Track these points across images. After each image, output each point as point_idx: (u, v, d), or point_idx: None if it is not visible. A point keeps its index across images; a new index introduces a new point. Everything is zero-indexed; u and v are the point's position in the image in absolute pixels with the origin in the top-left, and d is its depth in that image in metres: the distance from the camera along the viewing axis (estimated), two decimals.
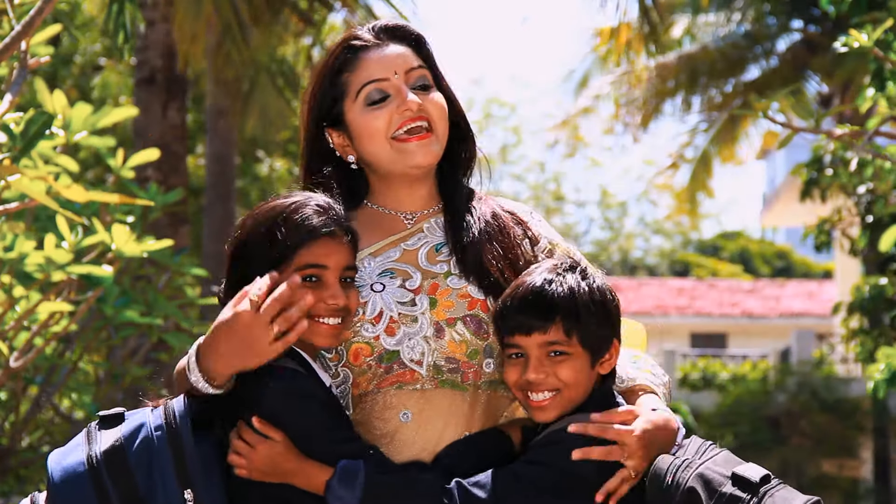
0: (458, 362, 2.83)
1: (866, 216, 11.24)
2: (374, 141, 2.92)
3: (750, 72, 20.52)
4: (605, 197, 46.91)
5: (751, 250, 46.77)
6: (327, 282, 2.72)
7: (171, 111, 11.49)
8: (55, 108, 5.04)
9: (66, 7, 11.97)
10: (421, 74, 2.95)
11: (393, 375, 2.82)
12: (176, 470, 2.64)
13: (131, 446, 2.66)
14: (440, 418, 2.81)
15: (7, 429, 6.43)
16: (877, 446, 21.31)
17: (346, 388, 2.84)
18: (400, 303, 2.84)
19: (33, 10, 3.85)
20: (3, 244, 4.86)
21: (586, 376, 2.76)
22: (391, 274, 2.88)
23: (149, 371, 7.48)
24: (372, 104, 2.92)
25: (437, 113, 2.93)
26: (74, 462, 2.68)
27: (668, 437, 2.74)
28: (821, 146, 9.96)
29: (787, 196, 28.31)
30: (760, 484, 2.62)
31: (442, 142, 2.95)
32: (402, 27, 3.00)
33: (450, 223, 2.95)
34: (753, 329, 36.05)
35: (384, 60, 2.94)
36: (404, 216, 2.98)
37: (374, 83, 2.92)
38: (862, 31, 5.53)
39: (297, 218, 2.71)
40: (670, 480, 2.65)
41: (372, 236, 2.94)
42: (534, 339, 2.73)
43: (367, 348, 2.82)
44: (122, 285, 6.20)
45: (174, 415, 2.67)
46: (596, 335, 2.76)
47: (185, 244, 10.89)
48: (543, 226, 3.06)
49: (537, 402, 2.74)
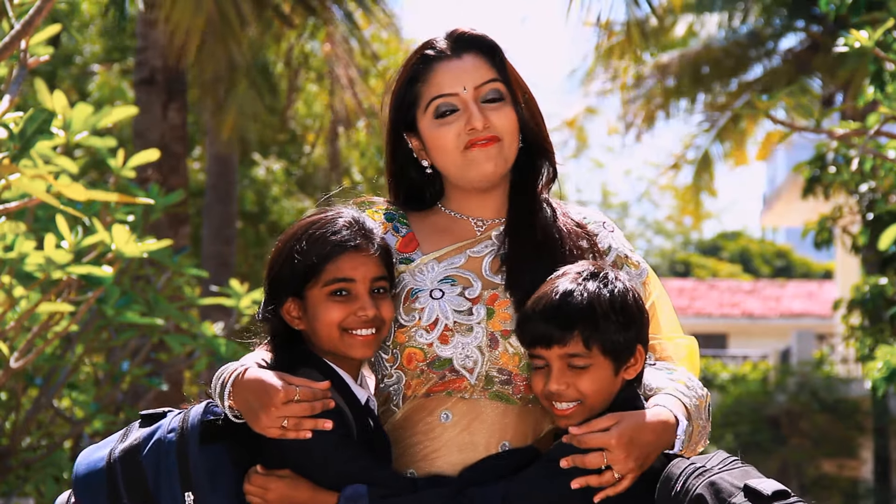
0: (510, 374, 2.86)
1: (867, 214, 11.23)
2: (443, 154, 2.94)
3: (753, 71, 20.52)
4: (607, 197, 46.94)
5: (751, 250, 46.76)
6: (357, 294, 2.78)
7: (171, 112, 11.48)
8: (55, 109, 5.03)
9: (65, 7, 11.97)
10: (492, 88, 2.94)
11: (444, 382, 2.85)
12: (180, 473, 2.75)
13: (146, 446, 2.79)
14: (484, 426, 2.84)
15: (7, 429, 6.43)
16: (877, 446, 21.28)
17: (398, 387, 2.89)
18: (457, 311, 2.87)
19: (32, 9, 3.85)
20: (3, 244, 4.85)
21: (609, 384, 2.77)
22: (452, 281, 2.91)
23: (147, 371, 7.48)
24: (440, 117, 2.93)
25: (505, 127, 2.93)
26: (97, 458, 2.82)
27: (659, 433, 2.74)
28: (824, 143, 9.95)
29: (788, 196, 28.29)
30: (773, 498, 2.58)
31: (508, 153, 2.94)
32: (478, 37, 2.98)
33: (506, 236, 2.95)
34: (754, 329, 36.04)
35: (455, 73, 2.94)
36: (475, 222, 3.00)
37: (443, 98, 2.93)
38: (863, 31, 5.53)
39: (322, 234, 2.79)
40: (680, 486, 2.66)
41: (440, 240, 2.98)
42: (554, 351, 2.75)
43: (420, 354, 2.86)
44: (123, 286, 6.19)
45: (188, 421, 2.79)
46: (617, 342, 2.76)
47: (185, 245, 10.89)
48: (615, 237, 3.05)
49: (561, 411, 2.76)
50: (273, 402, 2.67)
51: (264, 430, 2.69)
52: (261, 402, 2.69)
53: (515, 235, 2.94)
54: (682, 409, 2.80)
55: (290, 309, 2.81)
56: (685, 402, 2.83)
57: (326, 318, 2.77)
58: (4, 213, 4.39)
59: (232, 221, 15.53)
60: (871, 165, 7.88)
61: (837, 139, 5.90)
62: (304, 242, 2.78)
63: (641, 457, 2.70)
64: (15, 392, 6.34)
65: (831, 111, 5.93)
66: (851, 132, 5.78)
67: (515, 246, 2.92)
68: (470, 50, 2.96)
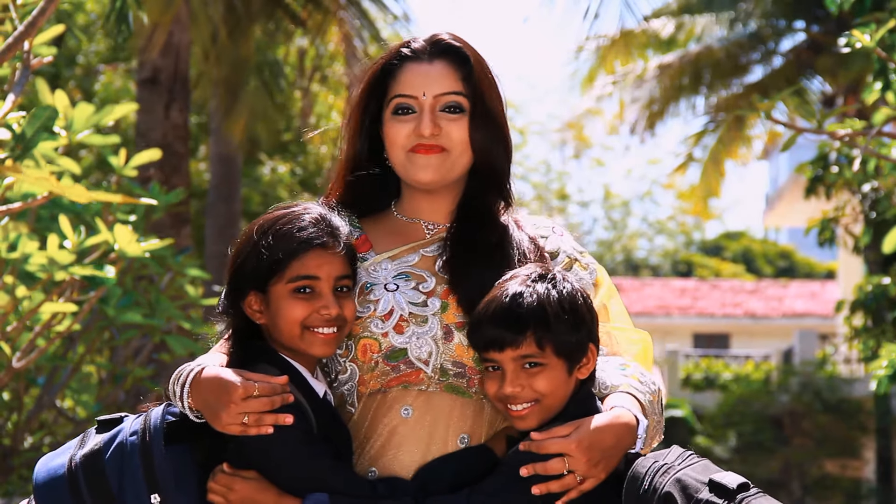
0: (465, 367, 2.86)
1: (870, 214, 11.23)
2: (393, 149, 2.96)
3: (754, 72, 20.51)
4: (609, 197, 46.91)
5: (754, 250, 46.76)
6: (320, 292, 2.76)
7: (173, 111, 11.48)
8: (57, 108, 5.03)
9: (69, 8, 11.98)
10: (453, 100, 2.94)
11: (399, 375, 2.85)
12: (145, 475, 2.73)
13: (107, 451, 2.77)
14: (441, 419, 2.84)
15: (10, 429, 6.43)
16: (879, 446, 21.30)
17: (352, 384, 2.88)
18: (412, 303, 2.87)
19: (36, 10, 3.85)
20: (5, 244, 4.86)
21: (564, 383, 2.77)
22: (406, 277, 2.91)
23: (151, 372, 7.47)
24: (396, 113, 2.95)
25: (455, 139, 2.92)
26: (57, 465, 2.80)
27: (620, 435, 2.74)
28: (827, 143, 9.95)
29: (790, 196, 28.29)
30: (738, 491, 2.60)
31: (453, 165, 2.94)
32: (455, 46, 2.98)
33: (448, 241, 2.96)
34: (756, 329, 36.05)
35: (420, 77, 2.95)
36: (426, 225, 3.01)
37: (403, 97, 2.94)
38: (865, 32, 5.53)
39: (288, 230, 2.77)
40: (647, 485, 2.66)
41: (393, 241, 2.99)
42: (507, 353, 2.75)
43: (374, 344, 2.86)
44: (125, 286, 6.20)
45: (150, 423, 2.77)
46: (569, 343, 2.77)
47: (188, 245, 10.89)
48: (564, 241, 3.06)
49: (517, 413, 2.76)
50: (232, 399, 2.66)
51: (225, 427, 2.68)
52: (220, 400, 2.68)
53: (457, 240, 2.94)
54: (638, 408, 2.81)
55: (251, 302, 2.79)
56: (640, 398, 2.84)
57: (289, 314, 2.75)
58: (7, 213, 4.40)
59: (236, 221, 15.55)
60: (874, 165, 7.88)
61: (840, 139, 5.89)
62: (270, 237, 2.76)
63: (603, 460, 2.70)
64: (17, 392, 6.34)
65: (832, 112, 5.93)
66: (853, 133, 5.78)
67: (457, 250, 2.93)
68: (444, 57, 2.97)
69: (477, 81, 2.96)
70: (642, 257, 47.95)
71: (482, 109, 2.96)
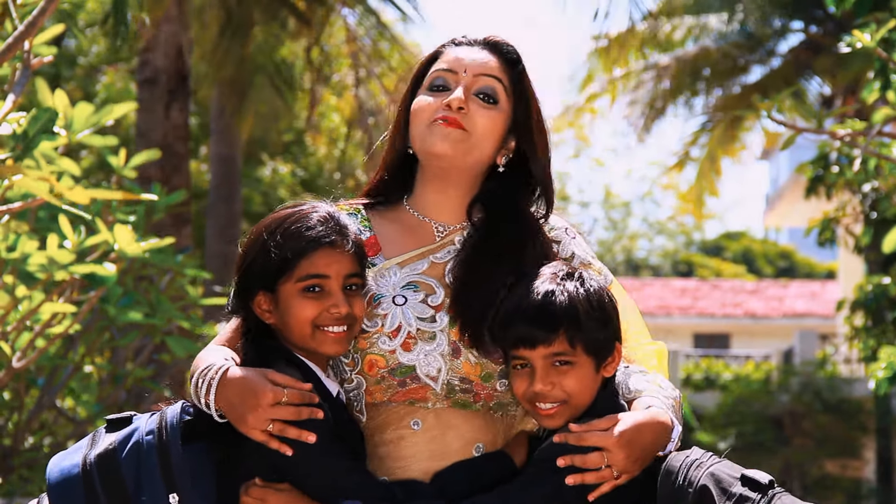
0: (472, 383, 2.83)
1: (871, 214, 11.22)
2: (416, 122, 2.92)
3: (752, 73, 20.52)
4: (609, 197, 46.93)
5: (754, 250, 46.74)
6: (330, 291, 2.75)
7: (173, 111, 11.49)
8: (56, 108, 5.03)
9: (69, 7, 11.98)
10: (491, 84, 2.91)
11: (406, 390, 2.82)
12: (163, 475, 2.70)
13: (123, 450, 2.73)
14: (456, 433, 2.82)
15: (10, 429, 6.43)
16: (880, 447, 21.29)
17: (359, 393, 2.85)
18: (420, 318, 2.83)
19: (36, 9, 3.85)
20: (5, 244, 4.85)
21: (591, 382, 2.78)
22: (415, 287, 2.87)
23: (151, 372, 7.48)
24: (431, 88, 2.93)
25: (479, 125, 2.89)
26: (70, 464, 2.76)
27: (657, 433, 2.73)
28: (827, 143, 9.95)
29: (791, 196, 28.30)
30: (769, 486, 2.64)
31: (471, 148, 2.88)
32: (504, 44, 2.97)
33: (463, 245, 2.92)
34: (756, 329, 36.03)
35: (463, 56, 2.93)
36: (436, 226, 2.97)
37: (441, 72, 2.92)
38: (865, 32, 5.54)
39: (296, 229, 2.76)
40: (682, 479, 2.67)
41: (403, 243, 2.95)
42: (538, 351, 2.74)
43: (381, 360, 2.82)
44: (125, 286, 6.19)
45: (166, 421, 2.74)
46: (598, 340, 2.77)
47: (188, 245, 10.89)
48: (577, 244, 3.02)
49: (546, 411, 2.75)
50: (260, 403, 2.63)
51: (249, 431, 2.65)
52: (246, 403, 2.64)
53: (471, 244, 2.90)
54: (672, 411, 2.80)
55: (260, 302, 2.78)
56: (665, 405, 2.83)
57: (299, 314, 2.74)
58: (7, 213, 4.40)
59: (236, 221, 15.54)
60: (874, 165, 7.88)
61: (840, 139, 5.90)
62: (278, 236, 2.75)
63: (640, 457, 2.70)
64: (17, 392, 6.34)
65: (832, 113, 5.94)
66: (853, 133, 5.79)
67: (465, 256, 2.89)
68: (492, 49, 2.96)
69: (520, 77, 2.95)
70: (643, 257, 47.96)
71: (521, 109, 2.94)
